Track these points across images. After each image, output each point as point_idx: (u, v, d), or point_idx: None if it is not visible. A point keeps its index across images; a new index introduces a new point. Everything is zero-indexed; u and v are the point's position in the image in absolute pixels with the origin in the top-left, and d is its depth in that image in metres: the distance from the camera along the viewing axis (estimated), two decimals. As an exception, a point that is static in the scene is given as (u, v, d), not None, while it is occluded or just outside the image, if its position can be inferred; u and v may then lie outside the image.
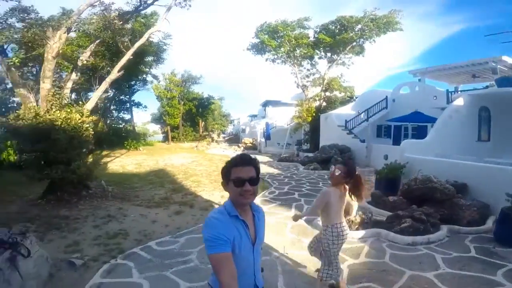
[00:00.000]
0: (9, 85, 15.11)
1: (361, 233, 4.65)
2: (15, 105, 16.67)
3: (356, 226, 4.83)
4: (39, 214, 5.84)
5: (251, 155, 1.52)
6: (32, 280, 2.82)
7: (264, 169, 12.93)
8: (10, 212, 5.97)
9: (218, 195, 7.69)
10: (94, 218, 5.70)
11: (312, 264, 3.57)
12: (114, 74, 8.14)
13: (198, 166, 13.12)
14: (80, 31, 7.16)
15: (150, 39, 15.97)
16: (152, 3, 8.18)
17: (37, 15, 6.44)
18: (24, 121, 6.82)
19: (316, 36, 18.31)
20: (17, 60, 6.58)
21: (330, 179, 2.74)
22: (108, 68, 12.03)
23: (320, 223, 4.98)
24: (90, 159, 14.20)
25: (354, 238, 4.51)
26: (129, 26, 12.22)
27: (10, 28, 6.17)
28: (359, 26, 17.16)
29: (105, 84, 8.25)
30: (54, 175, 6.82)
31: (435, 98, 14.96)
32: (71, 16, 6.43)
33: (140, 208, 6.60)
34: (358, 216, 4.89)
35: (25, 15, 6.32)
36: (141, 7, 8.33)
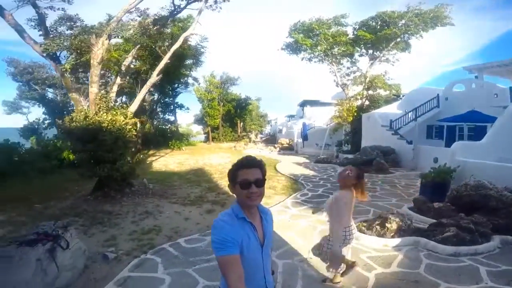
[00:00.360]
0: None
1: (396, 241, 4.30)
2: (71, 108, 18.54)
3: (392, 234, 4.45)
4: (87, 209, 6.39)
5: (256, 158, 1.50)
6: (68, 272, 3.07)
7: (299, 170, 12.69)
8: (63, 207, 6.64)
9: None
10: (133, 214, 6.08)
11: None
12: (154, 78, 8.62)
13: (234, 166, 13.32)
14: (119, 37, 7.68)
15: (188, 43, 16.75)
16: (184, 7, 8.51)
17: (82, 23, 7.07)
18: (76, 123, 7.51)
19: (355, 33, 17.66)
20: (68, 66, 7.25)
21: (340, 181, 2.73)
22: (151, 72, 12.79)
23: (353, 229, 4.75)
24: (138, 158, 15.39)
25: (387, 246, 4.19)
26: (168, 30, 12.94)
27: (61, 36, 6.83)
28: (403, 21, 16.16)
29: (146, 88, 8.76)
30: (101, 173, 7.42)
31: (495, 96, 13.30)
32: (111, 23, 6.92)
33: (176, 205, 6.88)
34: (394, 223, 4.52)
35: (72, 23, 6.96)
36: (175, 12, 8.70)
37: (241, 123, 33.86)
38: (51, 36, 6.85)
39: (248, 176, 1.39)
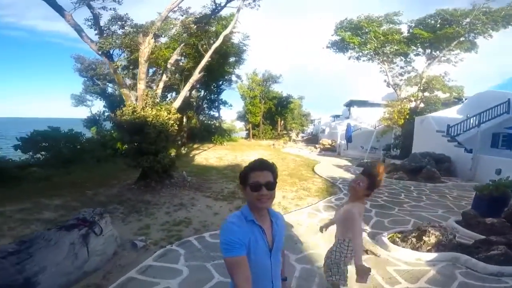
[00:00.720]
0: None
1: (432, 255, 3.91)
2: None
3: (428, 248, 4.04)
4: (130, 198, 6.90)
5: (268, 160, 1.48)
6: (97, 256, 3.33)
7: (338, 173, 12.19)
8: (110, 194, 7.25)
9: (280, 195, 7.61)
10: (169, 205, 6.41)
11: (354, 282, 3.17)
12: (196, 75, 8.95)
13: (271, 165, 13.30)
14: (163, 36, 8.11)
15: (231, 41, 17.06)
16: (224, 5, 8.63)
17: (132, 22, 7.59)
18: (125, 116, 8.14)
19: (410, 31, 16.61)
20: (120, 64, 7.83)
21: (351, 191, 2.54)
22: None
23: (384, 238, 4.41)
24: (181, 151, 16.25)
25: (421, 260, 3.85)
26: (213, 29, 13.32)
27: (113, 35, 7.42)
28: (467, 19, 14.78)
29: (188, 85, 9.14)
30: (144, 163, 7.95)
31: None
32: (155, 22, 7.32)
33: (209, 199, 7.10)
34: (433, 236, 4.09)
35: (123, 22, 7.51)
36: (216, 10, 8.89)
37: (282, 121, 33.64)
38: (105, 35, 7.47)
39: (259, 179, 1.39)
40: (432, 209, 6.86)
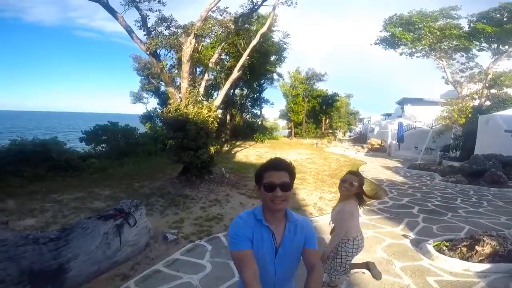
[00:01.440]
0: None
1: (484, 266, 3.42)
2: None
3: (481, 258, 3.51)
4: (170, 191, 7.23)
5: (286, 160, 1.41)
6: (129, 247, 3.51)
7: (386, 175, 11.36)
8: (154, 187, 7.68)
9: (317, 196, 7.33)
10: (205, 201, 6.58)
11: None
12: (235, 73, 9.05)
13: (310, 164, 12.93)
14: (204, 36, 8.28)
15: (272, 39, 16.93)
16: (261, 4, 8.52)
17: (176, 23, 7.91)
18: (170, 114, 8.57)
19: (471, 25, 15.33)
20: (166, 63, 8.22)
21: (343, 192, 2.64)
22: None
23: (429, 246, 3.95)
24: (222, 148, 16.69)
25: (469, 271, 3.39)
26: (254, 28, 13.34)
27: (159, 36, 7.82)
28: None
29: (228, 83, 9.29)
30: (185, 158, 8.29)
31: None
32: (196, 22, 7.52)
33: (243, 197, 7.13)
34: (488, 246, 3.55)
35: (168, 23, 7.86)
36: (254, 9, 8.84)
37: (327, 120, 32.50)
38: (152, 35, 7.92)
39: (274, 179, 1.32)
40: (493, 216, 6.02)
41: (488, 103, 15.93)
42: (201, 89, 9.76)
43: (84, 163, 10.06)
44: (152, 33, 7.93)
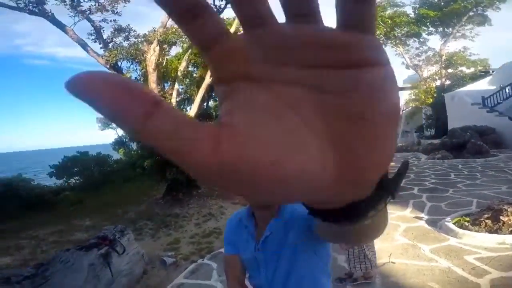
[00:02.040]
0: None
1: None
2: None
3: (511, 229, 3.36)
4: (158, 213, 6.69)
5: None
6: (124, 277, 3.00)
7: (373, 161, 11.40)
8: (139, 211, 7.10)
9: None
10: (197, 216, 6.11)
11: (428, 277, 2.64)
12: (207, 79, 8.66)
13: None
14: (167, 42, 7.85)
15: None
16: (225, 7, 8.07)
17: (135, 33, 7.48)
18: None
19: (416, 12, 16.84)
20: (130, 76, 7.74)
21: None
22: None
23: (449, 224, 3.76)
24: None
25: (505, 243, 3.24)
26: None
27: (117, 47, 7.34)
28: None
29: (201, 90, 8.90)
30: (168, 176, 7.75)
31: None
32: (158, 29, 7.13)
33: (237, 206, 6.65)
34: None
35: (127, 33, 7.43)
36: (218, 12, 8.52)
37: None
38: (109, 47, 7.41)
39: None
40: (493, 185, 6.04)
41: (448, 82, 17.05)
42: (173, 101, 9.30)
43: (57, 197, 9.32)
44: (110, 44, 7.43)
